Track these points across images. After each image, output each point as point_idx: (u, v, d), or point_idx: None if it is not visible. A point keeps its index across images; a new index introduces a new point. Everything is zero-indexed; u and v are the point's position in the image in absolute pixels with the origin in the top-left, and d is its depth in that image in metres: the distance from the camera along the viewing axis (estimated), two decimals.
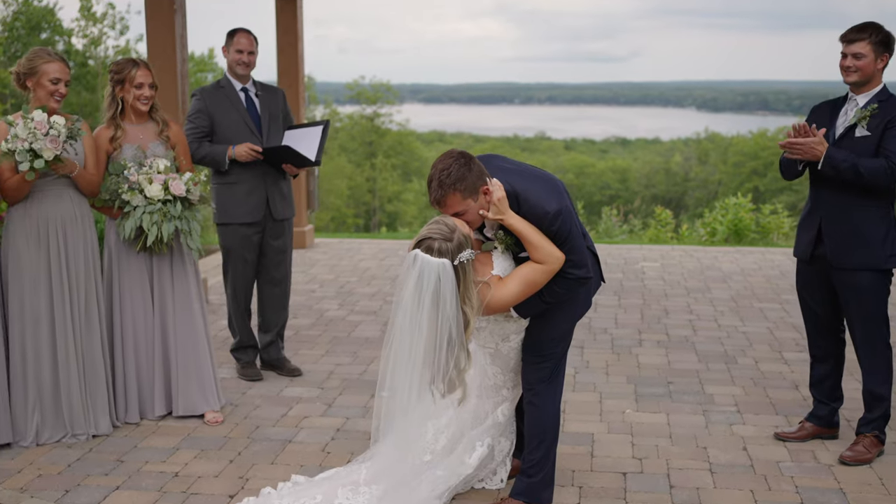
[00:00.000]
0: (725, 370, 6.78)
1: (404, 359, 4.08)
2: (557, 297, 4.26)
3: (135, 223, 5.55)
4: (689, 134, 70.32)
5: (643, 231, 17.65)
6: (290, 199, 6.67)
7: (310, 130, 6.56)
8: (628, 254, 11.55)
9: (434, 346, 4.06)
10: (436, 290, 4.00)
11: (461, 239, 4.05)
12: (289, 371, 6.72)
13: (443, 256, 4.01)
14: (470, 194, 4.11)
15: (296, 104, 11.30)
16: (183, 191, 5.61)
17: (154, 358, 5.80)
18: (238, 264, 6.53)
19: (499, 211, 4.15)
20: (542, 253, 4.15)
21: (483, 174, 4.15)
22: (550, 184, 4.27)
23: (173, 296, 5.78)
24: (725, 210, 14.57)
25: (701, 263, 10.89)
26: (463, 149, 4.21)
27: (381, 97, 62.00)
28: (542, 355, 4.42)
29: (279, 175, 6.56)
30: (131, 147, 5.68)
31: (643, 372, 6.75)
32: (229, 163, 6.33)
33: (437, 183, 4.08)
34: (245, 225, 6.46)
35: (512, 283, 4.18)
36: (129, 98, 5.67)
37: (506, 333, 4.45)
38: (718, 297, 9.08)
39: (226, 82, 6.50)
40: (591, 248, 4.46)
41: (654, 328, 7.96)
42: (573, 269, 4.22)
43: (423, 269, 4.01)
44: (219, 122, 6.40)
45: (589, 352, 7.26)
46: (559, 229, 4.16)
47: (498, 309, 4.21)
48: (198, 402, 5.85)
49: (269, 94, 6.62)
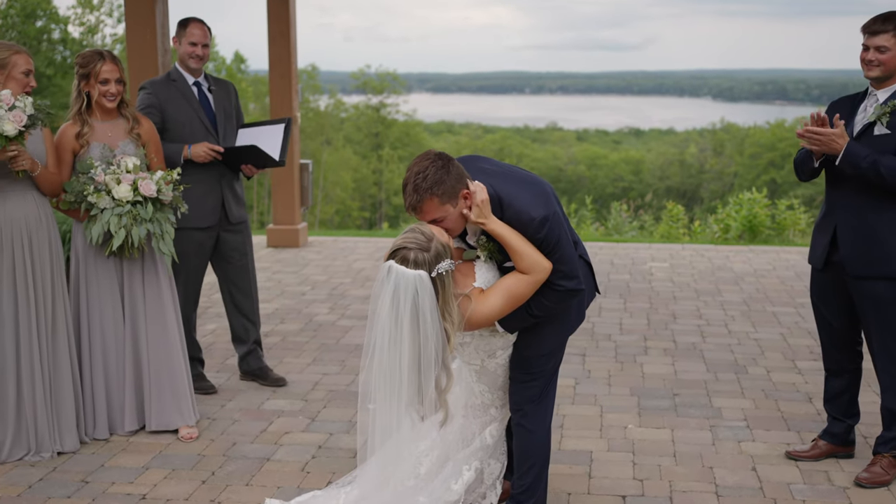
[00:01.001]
0: (735, 381, 6.57)
1: (386, 382, 3.84)
2: (546, 310, 4.02)
3: (102, 227, 5.33)
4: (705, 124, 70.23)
5: (654, 227, 17.46)
6: (244, 200, 6.48)
7: (269, 129, 6.35)
8: (636, 253, 11.36)
9: (418, 365, 3.82)
10: (414, 304, 3.76)
11: (439, 248, 3.81)
12: (273, 381, 6.51)
13: (419, 268, 3.77)
14: (449, 199, 3.86)
15: (288, 97, 11.10)
16: (153, 191, 5.40)
17: (125, 369, 5.59)
18: (190, 271, 6.29)
19: (481, 213, 3.90)
20: (527, 262, 3.90)
21: (463, 177, 3.91)
22: (537, 188, 4.02)
23: (145, 302, 5.57)
24: (740, 205, 14.34)
25: (712, 264, 10.68)
26: (472, 139, 3.96)
27: (388, 87, 61.93)
28: (530, 373, 4.18)
29: (234, 176, 6.36)
30: (99, 145, 5.47)
31: (648, 383, 6.54)
32: (184, 163, 6.09)
33: (413, 187, 3.84)
34: (200, 230, 6.24)
35: (494, 295, 3.94)
36: (94, 94, 5.45)
37: (492, 349, 4.21)
38: (729, 301, 8.88)
39: (177, 75, 6.25)
40: (584, 256, 4.22)
41: (661, 334, 7.75)
42: (563, 280, 3.97)
43: (398, 283, 3.77)
44: (171, 118, 6.14)
45: (591, 360, 7.05)
46: (546, 237, 3.91)
47: (480, 324, 3.97)
48: (172, 417, 5.64)
49: (221, 88, 6.40)
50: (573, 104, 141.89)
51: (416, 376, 3.83)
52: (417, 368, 3.82)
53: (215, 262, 6.44)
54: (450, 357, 3.90)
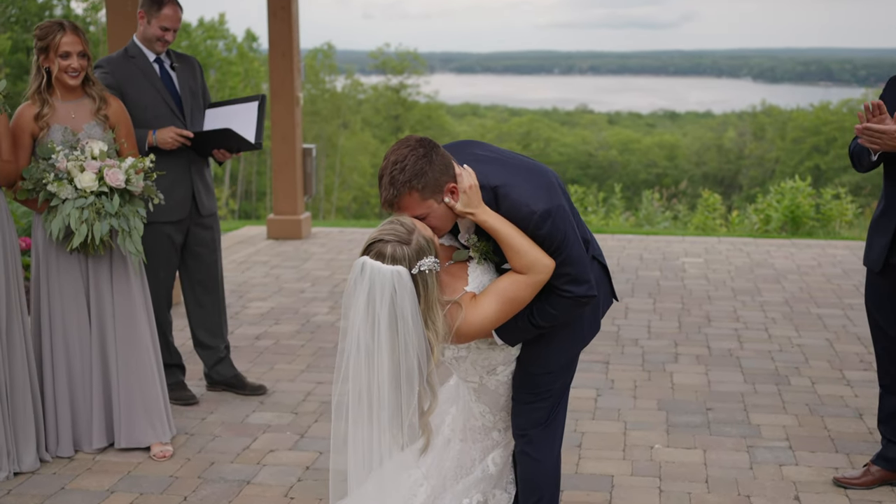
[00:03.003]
0: (776, 393, 6.22)
1: (362, 401, 3.47)
2: (552, 320, 3.62)
3: (63, 221, 5.00)
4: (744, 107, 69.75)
5: (688, 217, 17.17)
6: (213, 190, 6.14)
7: (241, 108, 6.00)
8: (668, 247, 11.06)
9: (396, 380, 3.44)
10: (392, 306, 3.35)
11: (421, 242, 3.40)
12: (251, 389, 6.20)
13: (398, 263, 3.37)
14: (431, 194, 3.48)
15: (289, 77, 10.78)
16: (121, 181, 5.06)
17: (91, 379, 5.27)
18: (160, 270, 5.96)
19: (469, 202, 3.51)
20: (525, 259, 3.50)
21: (449, 167, 3.52)
22: (539, 177, 3.63)
23: (113, 304, 5.25)
24: (781, 194, 14.07)
25: (751, 259, 10.36)
26: (497, 122, 3.60)
27: (408, 66, 61.79)
28: (535, 393, 3.79)
29: (203, 163, 6.03)
30: (60, 128, 5.15)
31: (678, 394, 6.21)
32: (149, 150, 5.74)
33: (389, 180, 3.45)
34: (169, 223, 5.91)
35: (487, 300, 3.54)
36: (54, 69, 5.12)
37: (491, 364, 3.81)
38: (770, 301, 8.55)
39: (136, 51, 5.89)
40: (599, 257, 3.83)
41: (694, 339, 7.42)
42: (571, 285, 3.57)
43: (373, 281, 3.36)
44: (132, 101, 5.76)
45: (615, 368, 6.72)
46: (550, 234, 3.50)
47: (472, 334, 3.57)
48: (143, 433, 5.32)
49: (185, 65, 6.04)
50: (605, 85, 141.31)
51: (395, 394, 3.44)
52: (396, 384, 3.44)
53: (180, 259, 6.10)
54: (435, 372, 3.51)
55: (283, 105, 10.85)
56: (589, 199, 17.26)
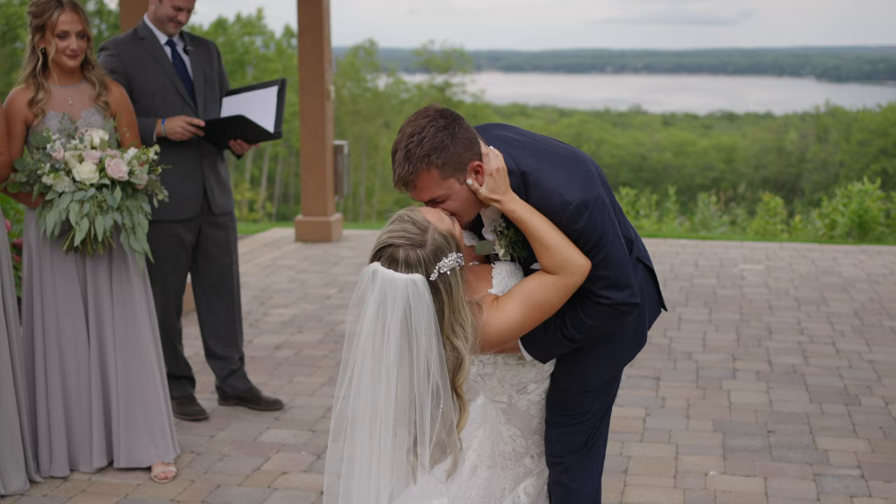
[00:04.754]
0: (845, 414, 5.94)
1: (366, 423, 3.16)
2: (588, 331, 3.27)
3: (59, 215, 4.78)
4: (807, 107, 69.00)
5: (747, 222, 16.87)
6: (229, 186, 5.91)
7: (260, 94, 5.76)
8: (725, 253, 10.83)
9: (409, 401, 3.12)
10: (405, 320, 3.04)
11: (438, 240, 3.07)
12: (266, 404, 5.97)
13: (413, 270, 3.05)
14: (453, 172, 3.14)
15: (319, 68, 10.56)
16: (124, 172, 4.84)
17: (90, 393, 5.04)
18: (168, 273, 5.74)
19: (495, 187, 3.19)
20: (556, 257, 3.16)
21: (474, 143, 3.18)
22: (576, 164, 3.28)
23: (113, 311, 5.02)
24: (848, 198, 13.88)
25: (816, 266, 10.11)
26: (547, 122, 3.32)
27: (454, 65, 61.75)
28: (572, 415, 3.45)
29: (218, 156, 5.79)
30: (57, 115, 4.95)
31: (736, 415, 5.94)
32: (158, 141, 5.52)
33: (404, 154, 3.11)
34: (178, 222, 5.68)
35: (510, 303, 3.20)
36: (51, 50, 4.89)
37: (522, 382, 3.48)
38: (838, 312, 8.28)
39: (146, 33, 5.66)
40: (644, 259, 3.50)
41: (753, 353, 7.15)
42: (609, 290, 3.22)
43: (384, 292, 3.05)
44: (140, 86, 5.56)
45: (666, 385, 6.46)
46: (586, 228, 3.16)
47: (491, 342, 3.23)
48: (145, 451, 5.10)
49: (200, 49, 5.81)
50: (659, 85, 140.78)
51: (405, 415, 3.13)
52: (408, 405, 3.12)
53: (192, 261, 5.86)
54: (461, 384, 3.18)
55: (313, 98, 10.61)
56: (641, 202, 16.99)
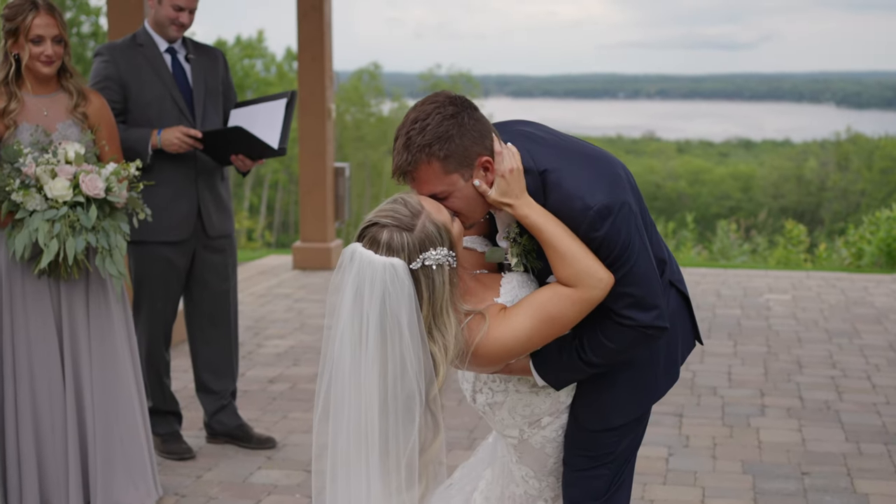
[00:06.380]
0: (885, 455, 5.72)
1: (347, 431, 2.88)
2: (608, 356, 3.00)
3: (30, 236, 4.56)
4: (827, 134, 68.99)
5: (769, 251, 16.65)
6: (229, 207, 5.68)
7: (267, 107, 5.55)
8: (749, 282, 10.61)
9: (386, 406, 2.84)
10: (382, 307, 2.78)
11: (429, 230, 2.83)
12: (258, 442, 5.75)
13: (394, 255, 2.81)
14: (457, 166, 2.89)
15: (320, 86, 10.39)
16: (100, 189, 4.62)
17: (65, 428, 4.80)
18: (157, 300, 5.53)
19: (507, 190, 2.94)
20: (573, 268, 2.90)
21: (485, 136, 2.94)
22: (604, 165, 3.03)
23: (90, 340, 4.80)
24: (876, 225, 13.59)
25: (846, 296, 9.89)
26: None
27: (461, 89, 61.59)
28: (593, 456, 3.18)
29: (216, 174, 5.58)
30: (30, 126, 4.75)
31: (766, 455, 5.72)
32: (152, 154, 5.31)
33: (404, 142, 2.88)
34: (168, 244, 5.46)
35: (519, 314, 2.94)
36: (24, 56, 4.68)
37: (535, 414, 3.22)
38: (871, 345, 8.06)
39: (145, 38, 5.49)
40: (678, 284, 3.23)
41: (783, 388, 6.93)
42: (633, 310, 2.95)
43: (362, 275, 2.79)
44: (135, 95, 5.39)
45: (690, 422, 6.24)
46: (608, 237, 2.90)
47: (493, 356, 2.97)
48: (124, 493, 4.88)
49: (204, 57, 5.63)
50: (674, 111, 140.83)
51: (384, 424, 2.84)
52: (385, 411, 2.83)
53: (186, 287, 5.62)
54: (438, 399, 2.91)
55: (313, 117, 10.41)
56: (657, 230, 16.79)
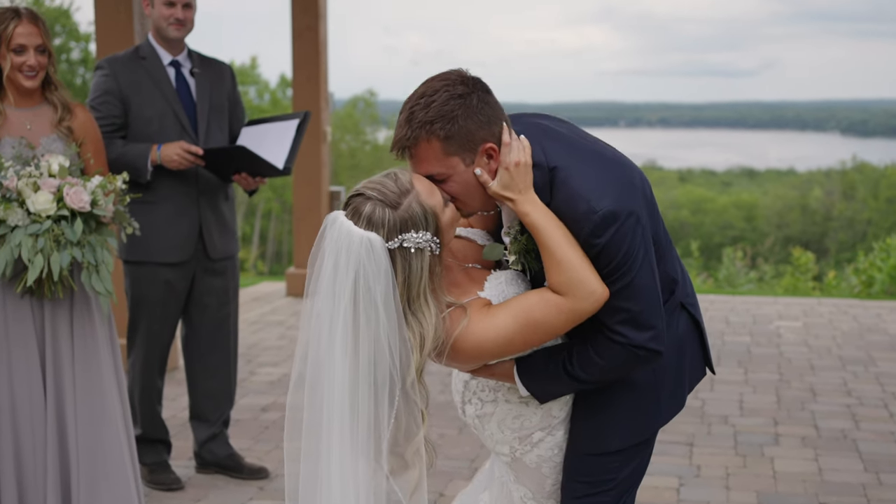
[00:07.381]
0: None
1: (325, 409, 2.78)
2: (596, 373, 2.88)
3: (11, 253, 4.44)
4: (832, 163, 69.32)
5: (776, 280, 16.59)
6: (233, 227, 5.59)
7: (279, 126, 5.47)
8: (758, 309, 10.53)
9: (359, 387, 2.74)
10: (355, 283, 2.70)
11: (415, 209, 2.74)
12: (249, 472, 5.66)
13: (373, 229, 2.72)
14: (458, 149, 2.79)
15: (315, 107, 10.28)
16: (86, 202, 4.50)
17: (45, 456, 4.68)
18: (154, 323, 5.44)
19: (510, 184, 2.83)
20: (566, 275, 2.78)
21: (493, 122, 2.84)
22: (619, 169, 2.91)
23: (74, 363, 4.68)
24: (886, 252, 13.55)
25: (859, 323, 9.82)
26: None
27: None
28: (592, 482, 3.04)
29: (219, 193, 5.47)
30: (12, 140, 4.65)
31: (782, 486, 5.63)
32: (152, 170, 5.21)
33: (406, 116, 2.79)
34: (168, 266, 5.37)
35: (502, 313, 2.84)
36: (6, 67, 4.60)
37: (525, 428, 3.08)
38: (887, 373, 7.98)
39: (148, 51, 5.41)
40: (690, 307, 3.09)
41: (797, 417, 6.85)
42: (626, 326, 2.82)
43: (339, 244, 2.72)
44: (136, 110, 5.30)
45: (701, 452, 6.15)
46: (609, 245, 2.77)
47: (470, 353, 2.87)
48: None
49: (210, 72, 5.53)
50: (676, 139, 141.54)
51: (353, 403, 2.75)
52: (354, 391, 2.75)
53: (184, 310, 5.53)
54: (416, 386, 2.79)
55: (308, 139, 10.26)
56: None
